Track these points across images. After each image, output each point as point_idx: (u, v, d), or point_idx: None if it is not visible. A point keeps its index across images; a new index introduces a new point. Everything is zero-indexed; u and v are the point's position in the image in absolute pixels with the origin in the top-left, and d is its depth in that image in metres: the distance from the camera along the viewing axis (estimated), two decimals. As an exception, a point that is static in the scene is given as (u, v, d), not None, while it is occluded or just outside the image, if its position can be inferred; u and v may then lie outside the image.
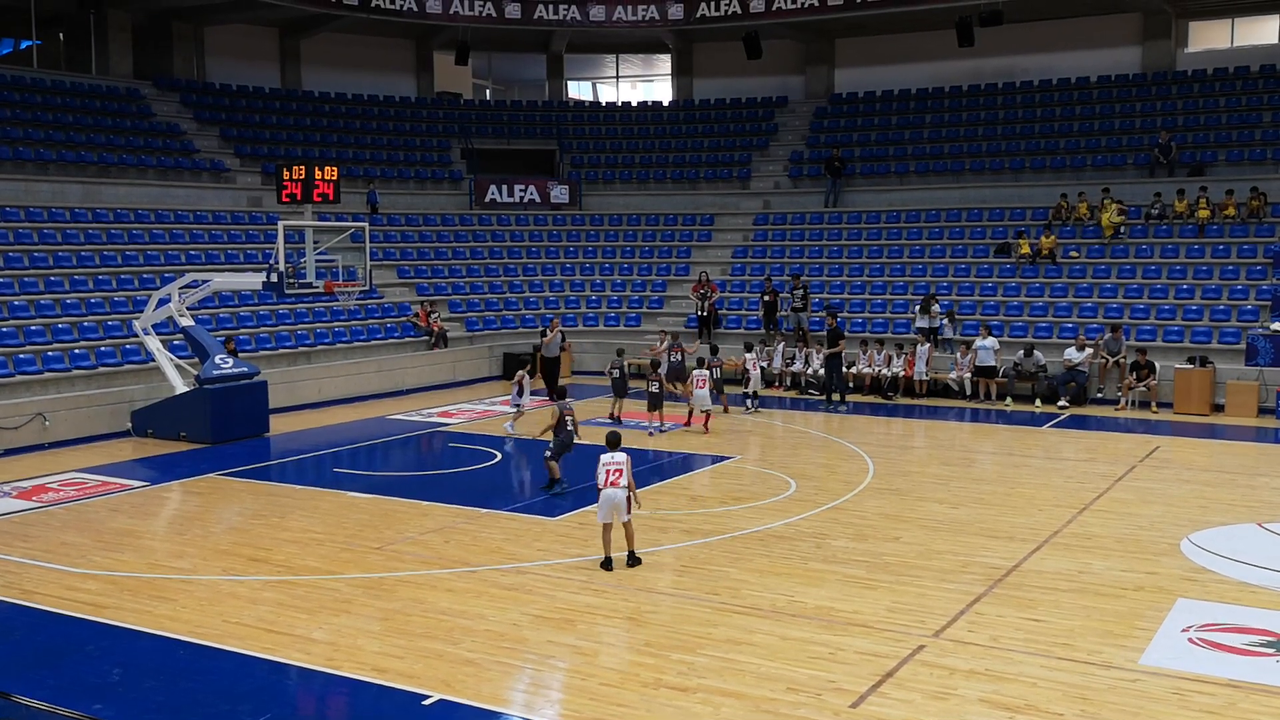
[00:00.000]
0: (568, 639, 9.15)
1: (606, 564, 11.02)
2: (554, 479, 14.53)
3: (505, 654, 8.83)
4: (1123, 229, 25.74)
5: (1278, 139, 26.99)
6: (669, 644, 8.98)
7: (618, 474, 10.91)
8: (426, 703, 7.92)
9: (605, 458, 11.09)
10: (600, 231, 32.03)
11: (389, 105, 34.53)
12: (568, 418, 14.42)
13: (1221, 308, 23.21)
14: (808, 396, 23.84)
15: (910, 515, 13.32)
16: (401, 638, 9.20)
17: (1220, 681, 8.11)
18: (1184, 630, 9.20)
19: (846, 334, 23.80)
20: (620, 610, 9.85)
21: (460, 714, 7.78)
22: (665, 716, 7.62)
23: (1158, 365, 21.65)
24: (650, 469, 16.22)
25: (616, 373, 20.72)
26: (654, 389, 19.20)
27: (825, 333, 23.46)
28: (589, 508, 13.79)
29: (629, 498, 11.00)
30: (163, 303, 19.80)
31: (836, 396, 22.65)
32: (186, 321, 19.56)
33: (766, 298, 26.44)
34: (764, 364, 25.13)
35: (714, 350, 21.98)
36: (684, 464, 16.59)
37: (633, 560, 11.09)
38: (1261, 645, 8.87)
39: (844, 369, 23.04)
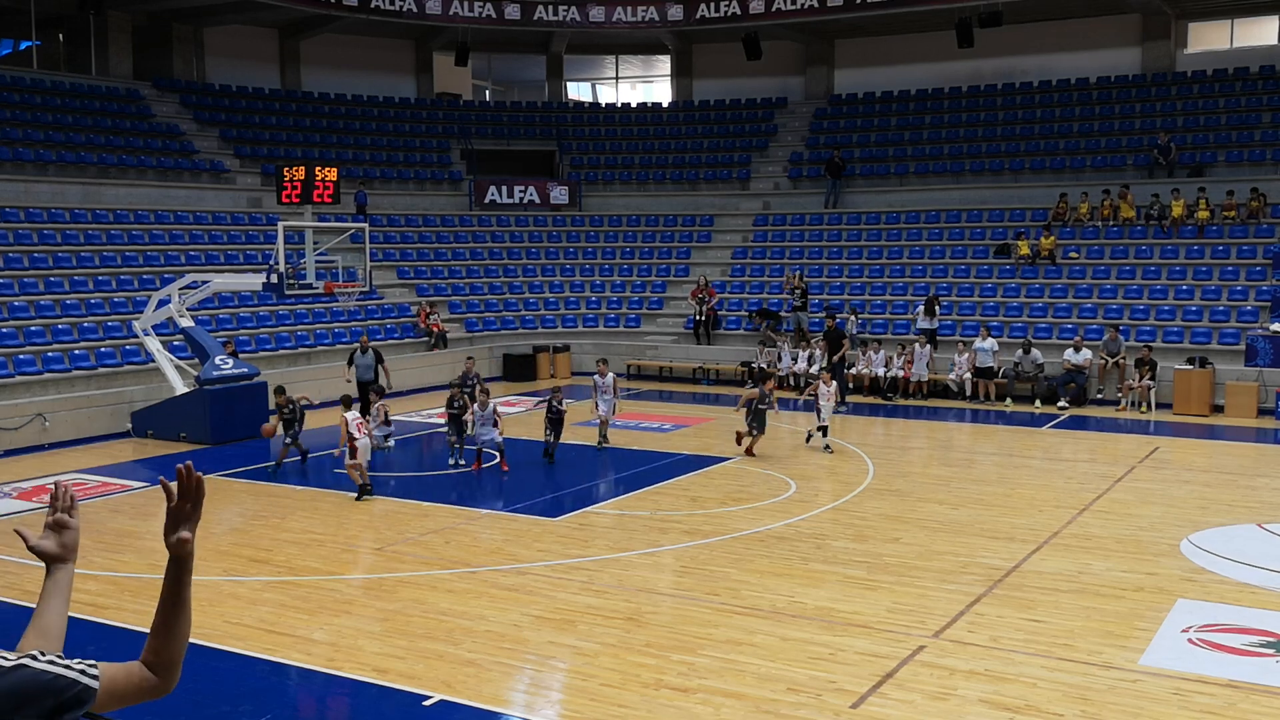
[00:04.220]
0: (568, 640, 9.15)
1: (365, 490, 14.24)
2: (277, 464, 16.10)
3: (506, 655, 8.83)
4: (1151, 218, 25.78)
5: (1277, 140, 27.00)
6: (669, 645, 8.98)
7: (361, 426, 14.65)
8: (427, 703, 7.92)
9: (350, 415, 14.56)
10: (600, 232, 32.04)
11: (389, 106, 34.54)
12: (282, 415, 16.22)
13: (1221, 308, 23.22)
14: (808, 398, 23.81)
15: (910, 516, 13.33)
16: (402, 638, 9.20)
17: (1220, 682, 8.12)
18: (1184, 631, 9.20)
19: (848, 334, 23.84)
20: (621, 611, 9.85)
21: (461, 714, 7.78)
22: (666, 717, 7.62)
23: (1158, 365, 21.66)
24: (650, 470, 16.22)
25: (763, 406, 17.14)
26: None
27: (823, 333, 23.46)
28: (589, 509, 13.82)
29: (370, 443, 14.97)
30: (163, 303, 19.80)
31: (852, 398, 22.59)
32: (186, 322, 19.56)
33: (759, 319, 26.32)
34: (762, 365, 25.17)
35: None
36: (684, 465, 16.58)
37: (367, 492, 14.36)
38: (1261, 646, 8.87)
39: (845, 370, 23.03)
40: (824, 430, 17.52)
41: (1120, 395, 21.79)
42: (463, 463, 16.44)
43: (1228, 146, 27.53)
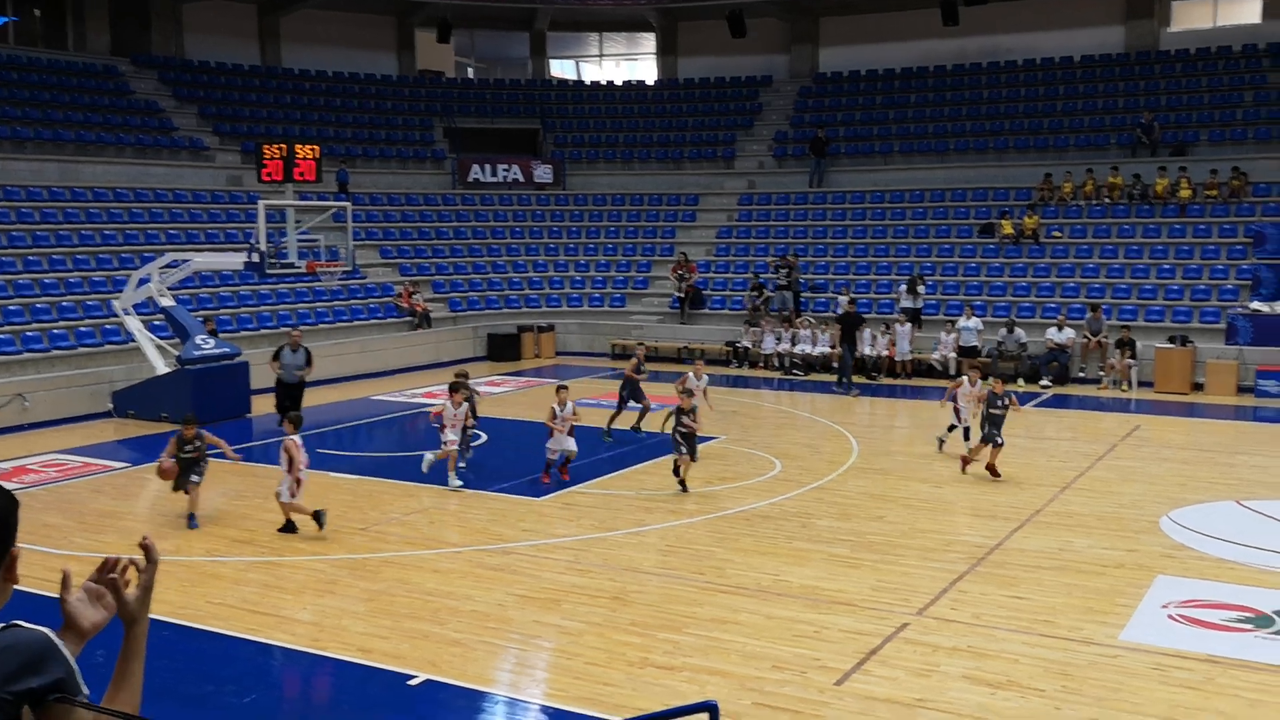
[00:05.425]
0: (553, 619, 9.16)
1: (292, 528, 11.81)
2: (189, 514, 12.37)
3: (491, 634, 8.84)
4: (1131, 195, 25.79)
5: (1259, 119, 27.09)
6: (655, 623, 9.00)
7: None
8: (412, 683, 7.92)
9: (298, 439, 11.90)
10: (584, 211, 31.93)
11: (370, 83, 34.25)
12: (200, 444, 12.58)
13: (1202, 287, 23.35)
14: (792, 377, 23.87)
15: (894, 494, 13.39)
16: (387, 618, 9.19)
17: (1199, 657, 8.20)
18: (1163, 606, 9.29)
19: (865, 316, 23.72)
20: (606, 590, 9.87)
21: (446, 694, 7.79)
22: (651, 695, 7.64)
23: (1139, 344, 21.78)
24: (635, 450, 16.23)
25: (997, 411, 14.13)
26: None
27: (838, 315, 23.31)
28: (574, 488, 13.82)
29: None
30: (143, 282, 19.65)
31: (855, 378, 22.43)
32: (167, 302, 19.41)
33: (754, 293, 26.31)
34: (748, 344, 25.20)
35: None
36: (669, 444, 16.55)
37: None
38: (1239, 621, 8.96)
39: (854, 352, 22.78)
40: (964, 432, 15.24)
41: (1102, 374, 21.91)
42: (461, 484, 13.99)
43: (1210, 126, 27.61)
